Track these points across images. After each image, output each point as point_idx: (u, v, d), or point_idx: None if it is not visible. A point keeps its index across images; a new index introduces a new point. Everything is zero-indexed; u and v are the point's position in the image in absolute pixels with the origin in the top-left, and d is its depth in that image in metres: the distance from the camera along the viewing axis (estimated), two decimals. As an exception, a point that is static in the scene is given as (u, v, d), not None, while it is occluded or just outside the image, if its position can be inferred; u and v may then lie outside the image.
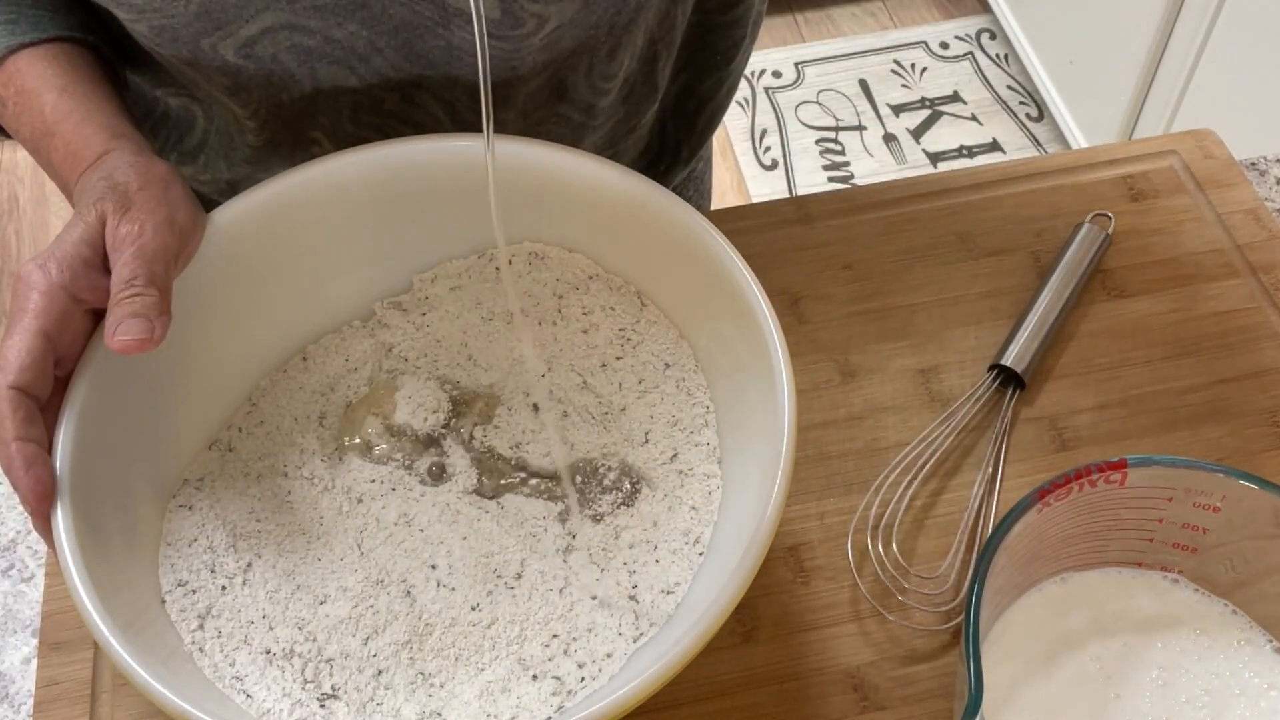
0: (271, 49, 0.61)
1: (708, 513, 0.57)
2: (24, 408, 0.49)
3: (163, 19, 0.59)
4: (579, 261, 0.64)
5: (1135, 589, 0.56)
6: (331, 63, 0.62)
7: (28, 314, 0.50)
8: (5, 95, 0.61)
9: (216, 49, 0.60)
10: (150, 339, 0.49)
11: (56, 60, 0.61)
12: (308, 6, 0.59)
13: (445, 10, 0.60)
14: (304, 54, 0.61)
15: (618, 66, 0.69)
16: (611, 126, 0.75)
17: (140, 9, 0.58)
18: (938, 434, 0.65)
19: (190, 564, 0.55)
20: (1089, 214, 0.74)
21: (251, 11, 0.58)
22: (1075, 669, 0.54)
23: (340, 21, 0.60)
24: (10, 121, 0.62)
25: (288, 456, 0.60)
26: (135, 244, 0.51)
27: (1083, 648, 0.54)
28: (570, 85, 0.68)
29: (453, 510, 0.58)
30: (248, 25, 0.59)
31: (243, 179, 0.72)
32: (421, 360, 0.63)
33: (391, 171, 0.61)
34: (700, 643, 0.47)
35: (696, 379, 0.61)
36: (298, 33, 0.60)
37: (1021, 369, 0.66)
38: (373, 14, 0.60)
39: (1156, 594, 0.56)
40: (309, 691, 0.52)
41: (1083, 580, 0.56)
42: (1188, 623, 0.55)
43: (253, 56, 0.61)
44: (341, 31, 0.60)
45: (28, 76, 0.60)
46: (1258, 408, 0.67)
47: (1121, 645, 0.54)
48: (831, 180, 2.05)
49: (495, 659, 0.53)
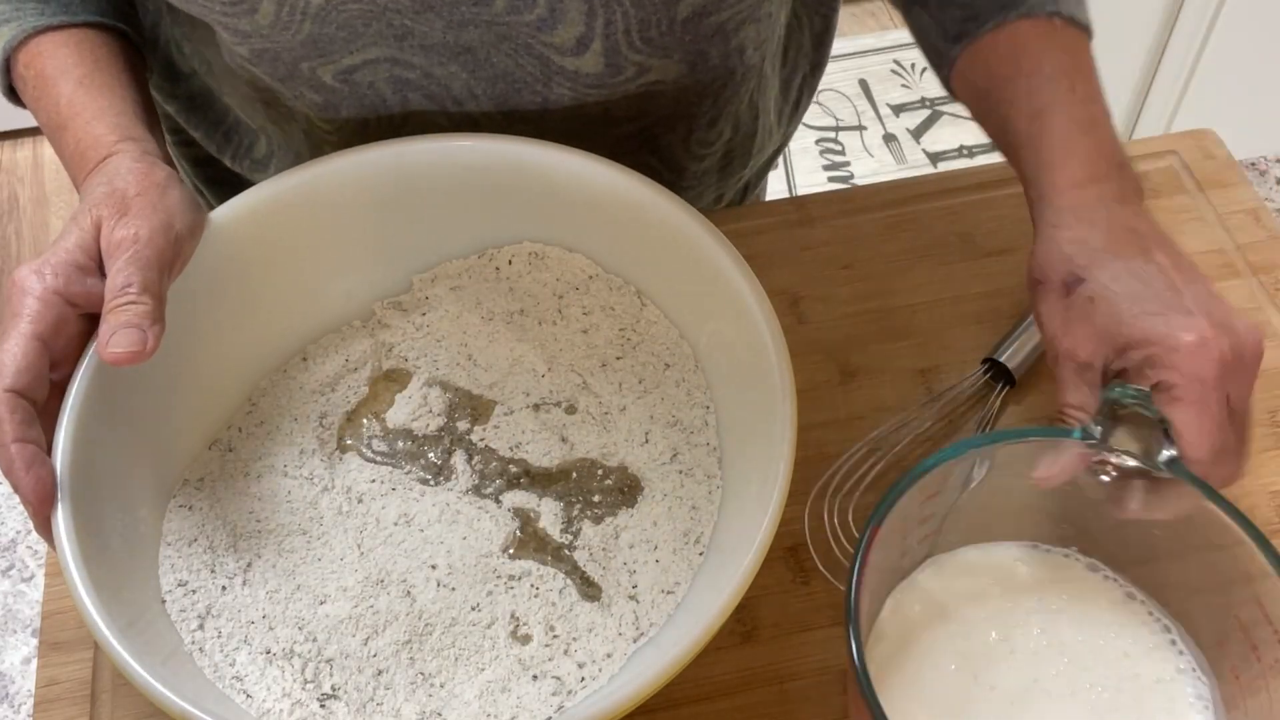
0: (370, 77, 0.61)
1: (708, 513, 0.57)
2: (21, 410, 0.49)
3: (268, 44, 0.59)
4: (579, 261, 0.64)
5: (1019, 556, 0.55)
6: (426, 96, 0.63)
7: (23, 319, 0.50)
8: (27, 76, 0.61)
9: (315, 73, 0.61)
10: (143, 350, 0.49)
11: (80, 47, 0.61)
12: (415, 45, 0.59)
13: (549, 67, 0.60)
14: (401, 84, 0.62)
15: (716, 135, 0.70)
16: (700, 191, 0.76)
17: (247, 34, 0.59)
18: (916, 416, 0.65)
19: (190, 564, 0.55)
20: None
21: (359, 45, 0.59)
22: (960, 629, 0.53)
23: (443, 62, 0.60)
24: (29, 102, 0.62)
25: (288, 456, 0.60)
26: (130, 250, 0.51)
27: (970, 609, 0.53)
28: (665, 143, 0.69)
29: (453, 510, 0.58)
30: (352, 56, 0.60)
31: None
32: (421, 360, 0.63)
33: (391, 171, 0.61)
34: (700, 643, 0.47)
35: (696, 379, 0.61)
36: (399, 66, 0.61)
37: (1013, 365, 0.66)
38: (476, 60, 0.60)
39: (1037, 562, 0.55)
40: (309, 691, 0.52)
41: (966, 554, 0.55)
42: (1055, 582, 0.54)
43: (350, 82, 0.61)
44: (442, 71, 0.61)
45: (49, 61, 0.60)
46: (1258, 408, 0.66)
47: (1009, 605, 0.53)
48: (831, 180, 2.05)
49: (495, 659, 0.53)
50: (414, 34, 0.59)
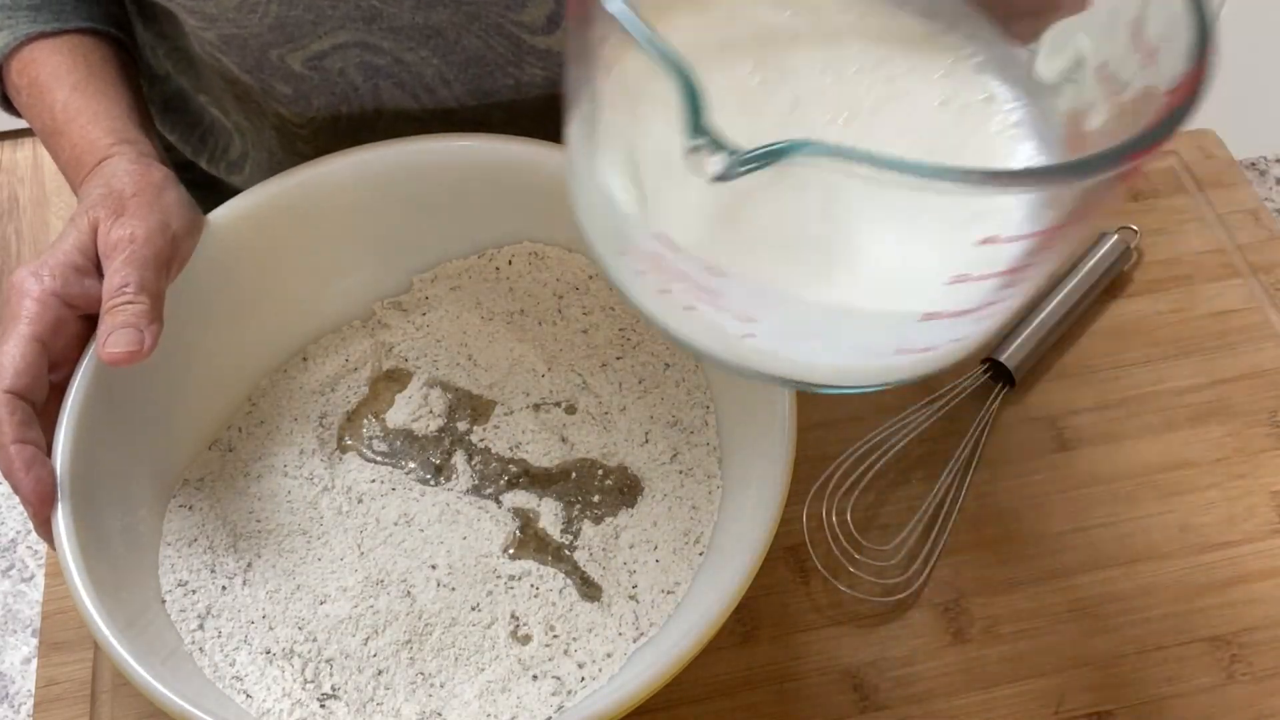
0: (340, 63, 0.61)
1: (708, 513, 0.57)
2: (20, 411, 0.49)
3: (235, 28, 0.59)
4: (579, 261, 0.64)
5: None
6: (397, 84, 0.62)
7: (21, 320, 0.50)
8: (20, 84, 0.61)
9: (284, 60, 0.60)
10: (140, 350, 0.49)
11: (73, 53, 0.61)
12: (384, 28, 0.59)
13: (520, 47, 0.60)
14: (371, 71, 0.61)
15: None
16: None
17: (213, 18, 0.58)
18: (916, 417, 0.65)
19: (190, 564, 0.55)
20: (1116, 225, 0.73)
21: (326, 28, 0.59)
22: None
23: (413, 46, 0.60)
24: (24, 110, 0.62)
25: (288, 456, 0.60)
26: (127, 250, 0.51)
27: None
28: None
29: (452, 510, 0.58)
30: (320, 40, 0.59)
31: None
32: (421, 360, 0.63)
33: (391, 171, 0.61)
34: (700, 643, 0.47)
35: (696, 379, 0.61)
36: (369, 51, 0.60)
37: (1013, 366, 0.66)
38: (447, 42, 0.60)
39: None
40: (309, 691, 0.52)
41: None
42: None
43: (320, 69, 0.61)
44: (413, 56, 0.60)
45: (43, 69, 0.60)
46: (1258, 408, 0.67)
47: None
48: (831, 180, 2.05)
49: (495, 659, 0.53)
50: (382, 15, 0.59)
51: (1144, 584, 0.61)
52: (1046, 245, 0.35)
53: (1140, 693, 0.58)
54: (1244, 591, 0.60)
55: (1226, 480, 0.64)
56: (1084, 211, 0.35)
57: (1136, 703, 0.57)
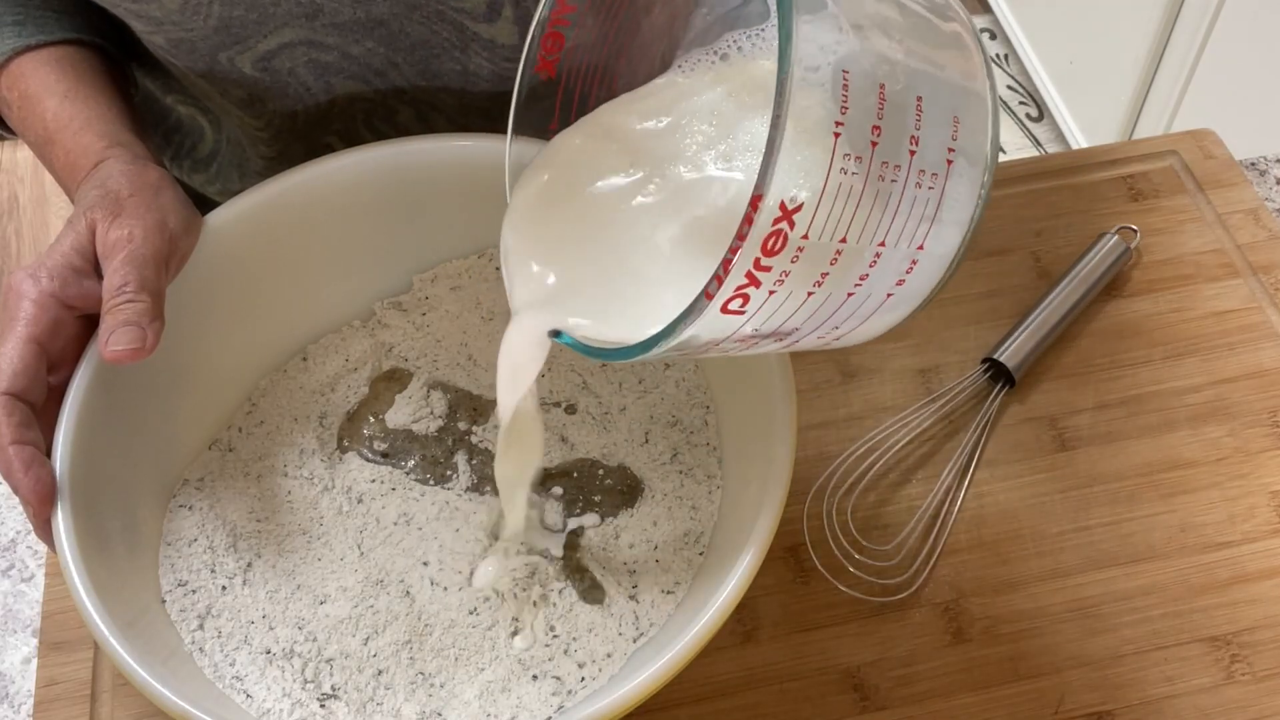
0: (289, 63, 0.61)
1: (708, 513, 0.57)
2: (19, 413, 0.49)
3: (181, 32, 0.59)
4: (579, 261, 0.64)
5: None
6: (348, 78, 0.62)
7: (19, 322, 0.50)
8: (10, 98, 0.61)
9: (234, 62, 0.60)
10: (142, 347, 0.49)
11: (61, 64, 0.61)
12: (326, 24, 0.59)
13: (464, 34, 0.60)
14: (320, 69, 0.61)
15: None
16: None
17: (159, 21, 0.58)
18: (916, 416, 0.65)
19: (190, 564, 0.55)
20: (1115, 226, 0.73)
21: (270, 27, 0.59)
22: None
23: (358, 39, 0.60)
24: (15, 124, 0.62)
25: (287, 456, 0.60)
26: (125, 250, 0.51)
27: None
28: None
29: (452, 509, 0.58)
30: (266, 40, 0.59)
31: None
32: (421, 360, 0.63)
33: (391, 171, 0.61)
34: (700, 643, 0.47)
35: (696, 379, 0.61)
36: (315, 49, 0.60)
37: (1013, 365, 0.66)
38: (390, 32, 0.60)
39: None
40: (309, 691, 0.52)
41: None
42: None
43: (270, 70, 0.61)
44: (359, 49, 0.60)
45: (31, 81, 0.60)
46: (1258, 408, 0.67)
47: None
48: (831, 180, 2.04)
49: (495, 659, 0.53)
50: (324, 11, 0.59)
51: (1144, 584, 0.61)
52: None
53: (1140, 693, 0.58)
54: (1244, 591, 0.60)
55: (1226, 480, 0.64)
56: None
57: (1136, 703, 0.57)
